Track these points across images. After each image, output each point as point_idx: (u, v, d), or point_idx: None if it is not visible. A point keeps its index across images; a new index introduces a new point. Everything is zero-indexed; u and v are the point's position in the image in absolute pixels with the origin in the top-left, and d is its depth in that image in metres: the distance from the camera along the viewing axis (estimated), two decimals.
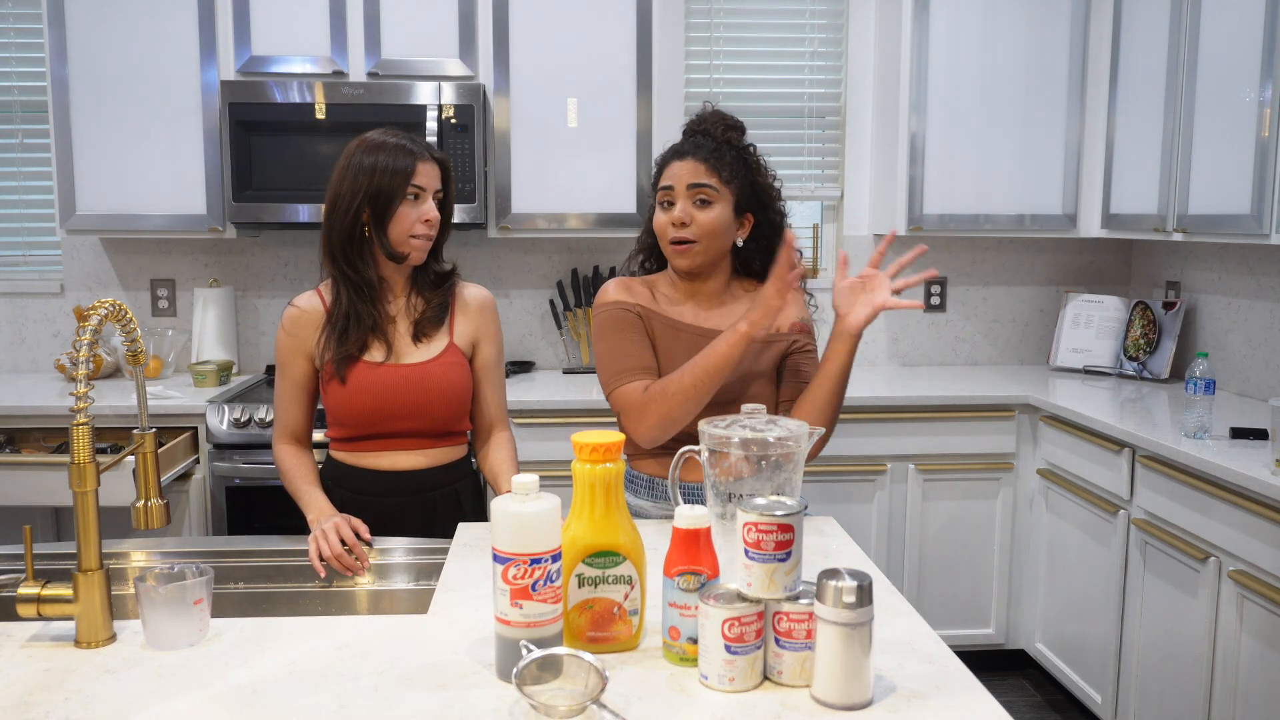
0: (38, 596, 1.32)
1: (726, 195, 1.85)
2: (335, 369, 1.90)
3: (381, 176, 1.86)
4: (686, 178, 1.84)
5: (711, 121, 1.91)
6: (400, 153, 1.88)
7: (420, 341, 1.96)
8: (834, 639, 1.14)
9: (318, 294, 1.98)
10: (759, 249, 1.93)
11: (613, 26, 3.31)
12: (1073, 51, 3.44)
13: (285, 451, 2.00)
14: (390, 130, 1.93)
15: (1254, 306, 3.19)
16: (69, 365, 1.32)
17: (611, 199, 3.35)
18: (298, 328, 1.95)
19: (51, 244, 3.67)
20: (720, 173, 1.84)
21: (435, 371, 1.94)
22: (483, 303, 2.05)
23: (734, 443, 1.36)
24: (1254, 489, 2.25)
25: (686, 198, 1.84)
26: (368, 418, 1.92)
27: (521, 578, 1.20)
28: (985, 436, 3.26)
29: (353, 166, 1.89)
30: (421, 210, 1.90)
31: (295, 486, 1.94)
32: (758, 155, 1.93)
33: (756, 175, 1.90)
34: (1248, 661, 2.32)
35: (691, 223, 1.84)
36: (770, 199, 1.91)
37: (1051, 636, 3.20)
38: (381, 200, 1.87)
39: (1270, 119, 2.63)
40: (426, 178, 1.90)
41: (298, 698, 1.19)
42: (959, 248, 3.85)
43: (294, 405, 1.99)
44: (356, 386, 1.90)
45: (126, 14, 3.20)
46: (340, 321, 1.91)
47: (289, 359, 1.97)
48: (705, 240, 1.84)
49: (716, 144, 1.87)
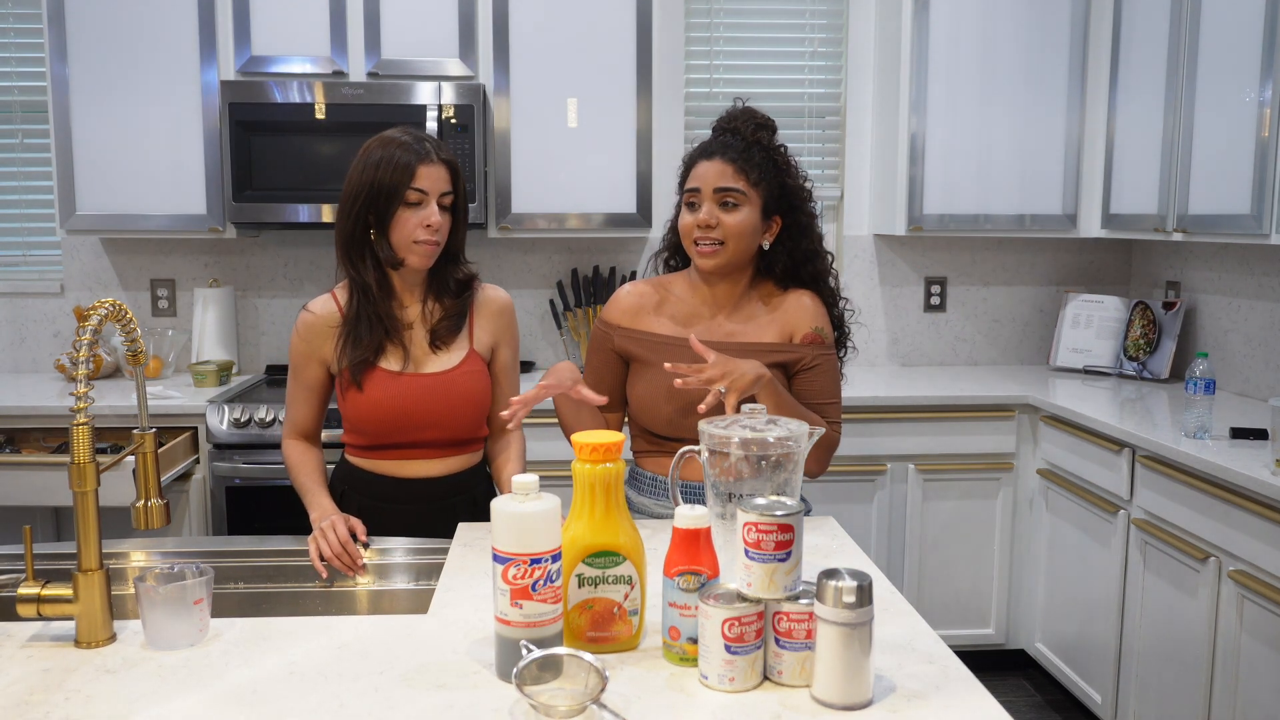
0: (38, 596, 1.32)
1: (754, 198, 1.81)
2: (352, 375, 1.86)
3: (382, 176, 1.80)
4: (714, 180, 1.80)
5: (742, 120, 1.87)
6: (404, 152, 1.81)
7: (438, 349, 1.91)
8: (834, 639, 1.14)
9: (332, 297, 1.93)
10: (785, 251, 1.89)
11: (613, 27, 3.31)
12: (1072, 51, 3.44)
13: (294, 447, 1.97)
14: (405, 129, 1.87)
15: (1254, 306, 3.19)
16: (69, 365, 1.32)
17: (611, 199, 3.35)
18: (312, 333, 1.91)
19: (51, 244, 3.67)
20: (748, 175, 1.80)
21: (458, 381, 1.90)
22: (502, 306, 2.00)
23: (734, 443, 1.36)
24: (1254, 489, 2.24)
25: (713, 200, 1.80)
26: (388, 428, 1.89)
27: (521, 578, 1.20)
28: (985, 436, 3.26)
29: (360, 164, 1.84)
30: (423, 215, 1.82)
31: (301, 483, 1.93)
32: (788, 155, 1.88)
33: (785, 177, 1.85)
34: (1248, 661, 2.32)
35: (718, 225, 1.80)
36: (799, 200, 1.87)
37: (1051, 636, 3.20)
38: (381, 202, 1.81)
39: (1270, 119, 2.63)
40: (429, 180, 1.82)
41: (298, 698, 1.19)
42: (959, 248, 3.85)
43: (305, 406, 1.96)
44: (377, 396, 1.86)
45: (126, 14, 3.20)
46: (353, 324, 1.87)
47: (301, 363, 1.93)
48: (732, 242, 1.81)
49: (746, 144, 1.83)
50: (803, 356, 1.87)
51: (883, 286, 3.86)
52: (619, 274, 3.68)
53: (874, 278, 3.85)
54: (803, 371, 1.88)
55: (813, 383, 1.88)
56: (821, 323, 1.89)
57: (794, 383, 1.88)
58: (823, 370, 1.88)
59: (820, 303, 1.91)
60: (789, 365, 1.87)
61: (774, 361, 1.85)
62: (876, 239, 3.83)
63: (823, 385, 1.89)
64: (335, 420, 1.97)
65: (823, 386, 1.89)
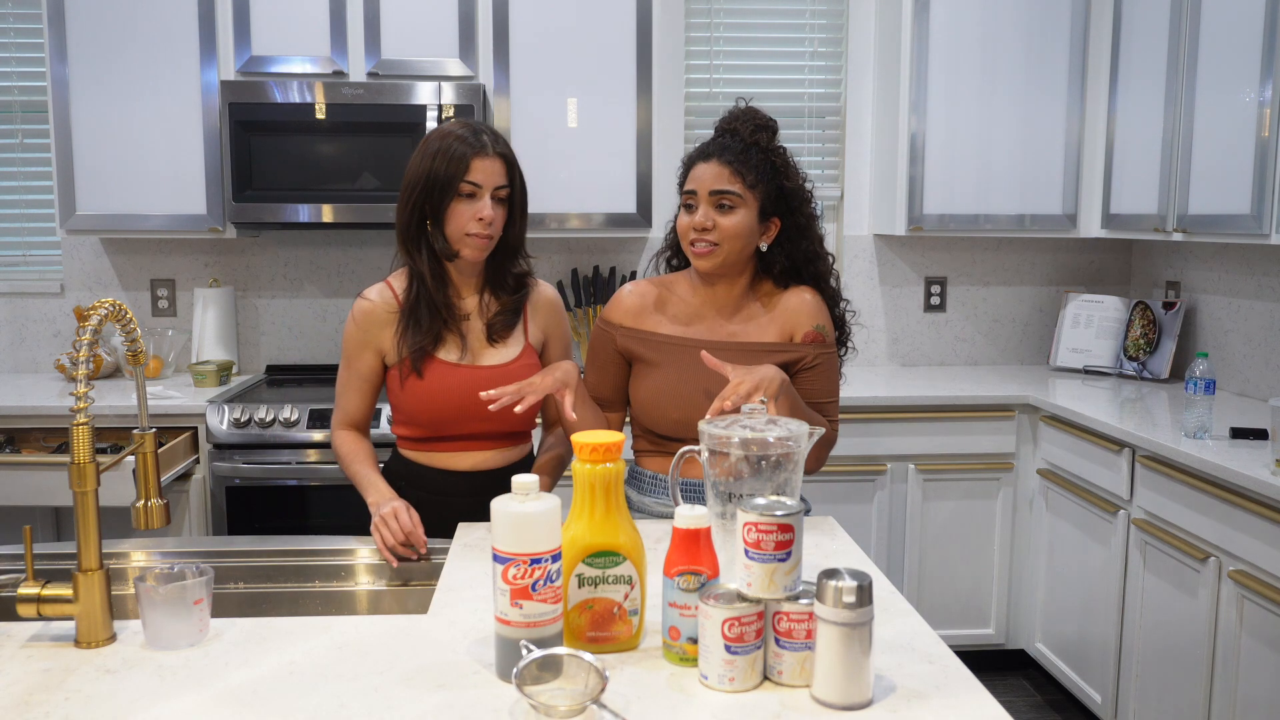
0: (38, 596, 1.32)
1: (750, 200, 1.81)
2: (412, 362, 1.86)
3: (438, 167, 1.82)
4: (709, 183, 1.81)
5: (742, 121, 1.86)
6: (459, 144, 1.82)
7: (495, 342, 1.93)
8: (834, 639, 1.14)
9: (388, 285, 1.94)
10: (784, 252, 1.89)
11: (613, 27, 3.31)
12: (1072, 51, 3.44)
13: (344, 436, 1.97)
14: (464, 122, 1.88)
15: (1254, 306, 3.19)
16: (69, 365, 1.32)
17: (611, 199, 3.35)
18: (368, 321, 1.92)
19: (51, 244, 3.67)
20: (745, 177, 1.80)
21: (515, 375, 1.90)
22: (552, 301, 2.03)
23: (734, 443, 1.36)
24: (1254, 489, 2.24)
25: (709, 203, 1.81)
26: (445, 419, 1.89)
27: (521, 578, 1.20)
28: (985, 436, 3.26)
29: (419, 155, 1.85)
30: (476, 208, 1.83)
31: (355, 470, 1.92)
32: (787, 157, 1.88)
33: (783, 179, 1.85)
34: (1248, 661, 2.32)
35: (714, 228, 1.80)
36: (798, 202, 1.87)
37: (1051, 636, 3.20)
38: (435, 194, 1.83)
39: (1270, 119, 2.63)
40: (484, 174, 1.83)
41: (298, 698, 1.19)
42: (959, 248, 3.85)
43: (356, 395, 1.96)
44: (435, 387, 1.87)
45: (126, 14, 3.20)
46: (412, 310, 1.88)
47: (356, 351, 1.93)
48: (728, 244, 1.81)
49: (744, 145, 1.83)
50: (804, 355, 1.87)
51: (883, 286, 3.86)
52: (619, 274, 3.68)
53: (874, 278, 3.85)
54: (804, 370, 1.88)
55: (814, 381, 1.88)
56: (822, 320, 1.89)
57: (795, 382, 1.88)
58: (823, 369, 1.89)
59: (821, 300, 1.91)
60: (790, 365, 1.87)
61: (775, 362, 1.85)
62: (876, 239, 3.83)
63: (824, 384, 1.89)
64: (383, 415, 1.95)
65: (824, 385, 1.89)
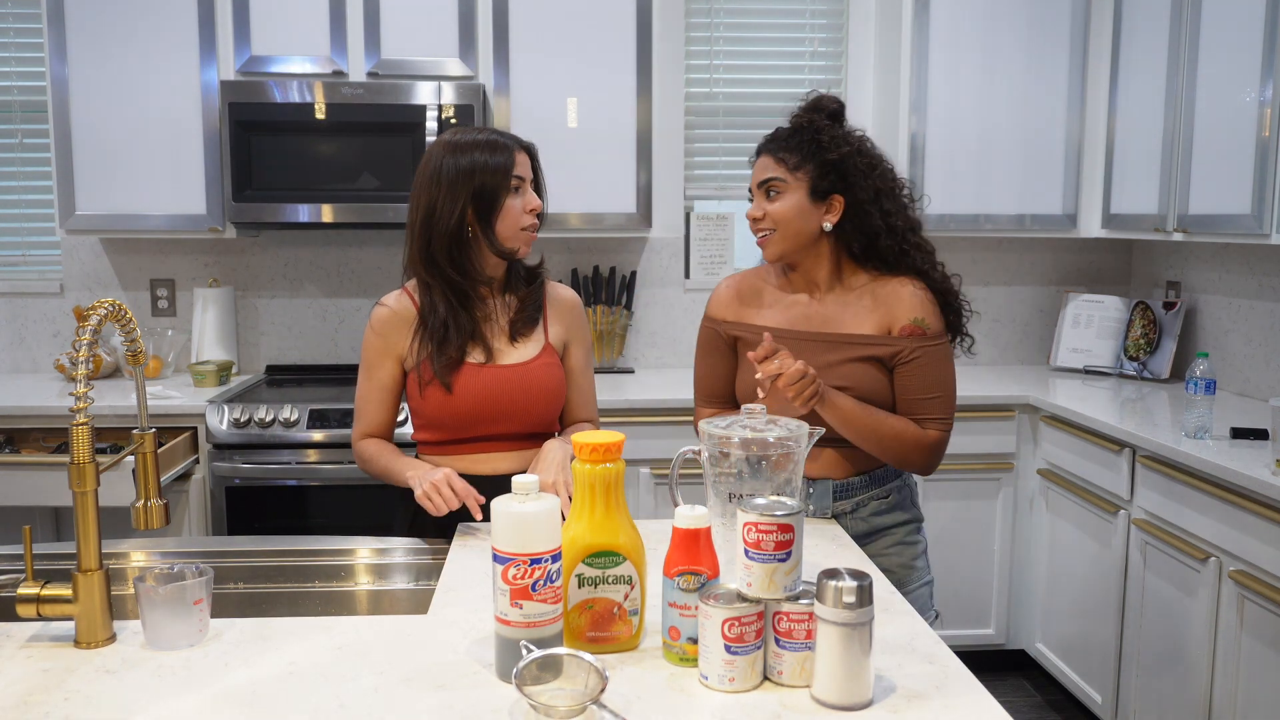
0: (37, 596, 1.32)
1: (795, 182, 1.84)
2: (440, 378, 1.85)
3: (484, 175, 1.82)
4: (757, 175, 1.89)
5: (801, 109, 1.92)
6: (496, 149, 1.85)
7: (517, 341, 1.93)
8: (834, 639, 1.14)
9: (406, 293, 1.93)
10: (855, 228, 1.86)
11: (613, 26, 3.31)
12: (1073, 52, 3.44)
13: (367, 442, 1.95)
14: (463, 129, 1.89)
15: (1254, 306, 3.19)
16: (69, 365, 1.32)
17: (612, 199, 3.35)
18: (389, 328, 1.91)
19: (51, 244, 3.67)
20: (786, 161, 1.85)
21: (536, 372, 1.90)
22: (572, 304, 2.03)
23: (734, 443, 1.36)
24: (1254, 489, 2.24)
25: (759, 193, 1.88)
26: (468, 420, 1.88)
27: (521, 578, 1.20)
28: (985, 436, 3.26)
29: (447, 171, 1.83)
30: (526, 200, 1.87)
31: (385, 462, 1.89)
32: (838, 131, 1.87)
33: (827, 153, 1.84)
34: (1248, 661, 2.32)
35: (765, 216, 1.86)
36: (857, 175, 1.85)
37: (1051, 636, 3.20)
38: (487, 198, 1.83)
39: (1270, 119, 2.63)
40: (524, 167, 1.88)
41: (298, 698, 1.19)
42: (959, 248, 3.85)
43: (380, 408, 1.95)
44: (459, 389, 1.86)
45: (126, 13, 3.20)
46: (440, 330, 1.87)
47: (376, 360, 1.92)
48: (781, 228, 1.85)
49: (790, 131, 1.88)
50: (900, 350, 1.83)
51: None
52: (619, 274, 3.68)
53: None
54: (901, 365, 1.83)
55: (911, 377, 1.82)
56: (923, 313, 1.84)
57: (894, 377, 1.84)
58: (922, 364, 1.82)
59: (924, 290, 1.86)
60: (886, 359, 1.83)
61: (869, 355, 1.83)
62: None
63: (922, 380, 1.82)
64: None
65: (922, 381, 1.82)
